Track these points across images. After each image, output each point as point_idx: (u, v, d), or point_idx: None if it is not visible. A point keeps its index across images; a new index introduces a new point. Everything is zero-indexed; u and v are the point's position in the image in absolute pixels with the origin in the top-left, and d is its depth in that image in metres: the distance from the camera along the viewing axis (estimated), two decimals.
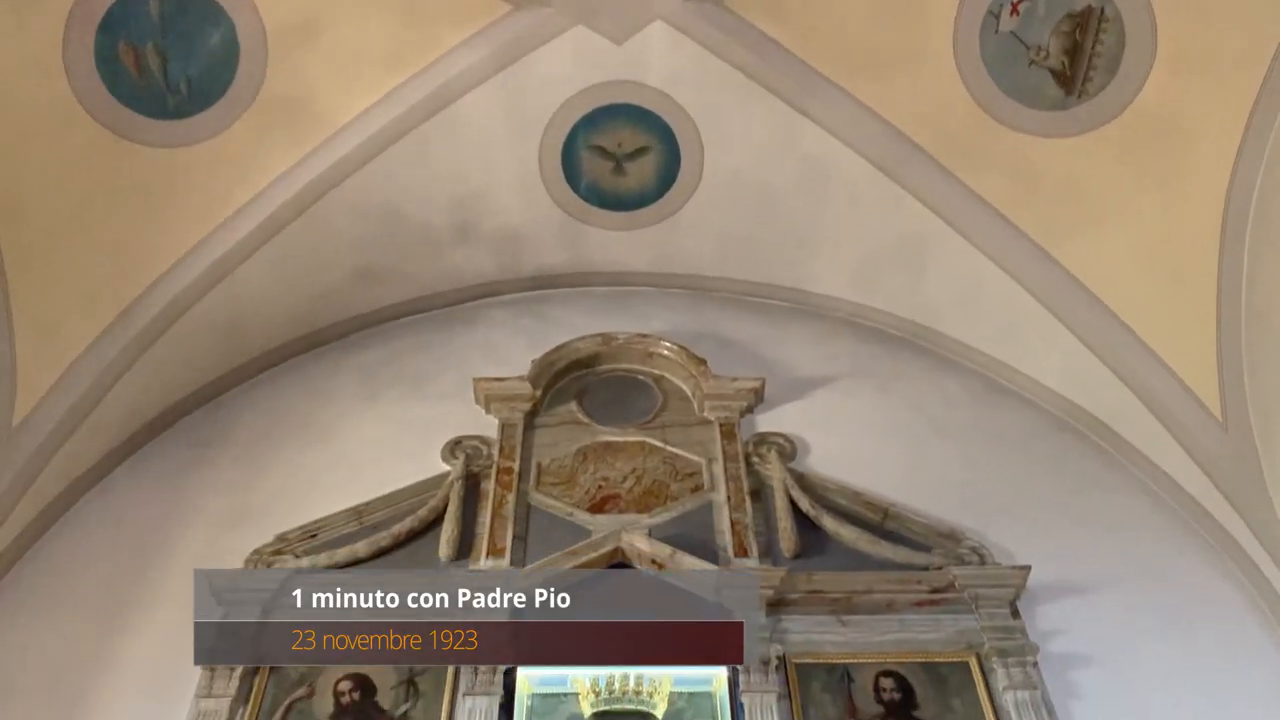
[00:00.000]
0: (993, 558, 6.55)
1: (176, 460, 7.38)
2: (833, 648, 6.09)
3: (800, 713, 5.76)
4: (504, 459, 7.27)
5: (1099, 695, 5.88)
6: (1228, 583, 6.55)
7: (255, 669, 5.90)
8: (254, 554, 6.48)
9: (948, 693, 5.87)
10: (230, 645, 5.94)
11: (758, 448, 7.44)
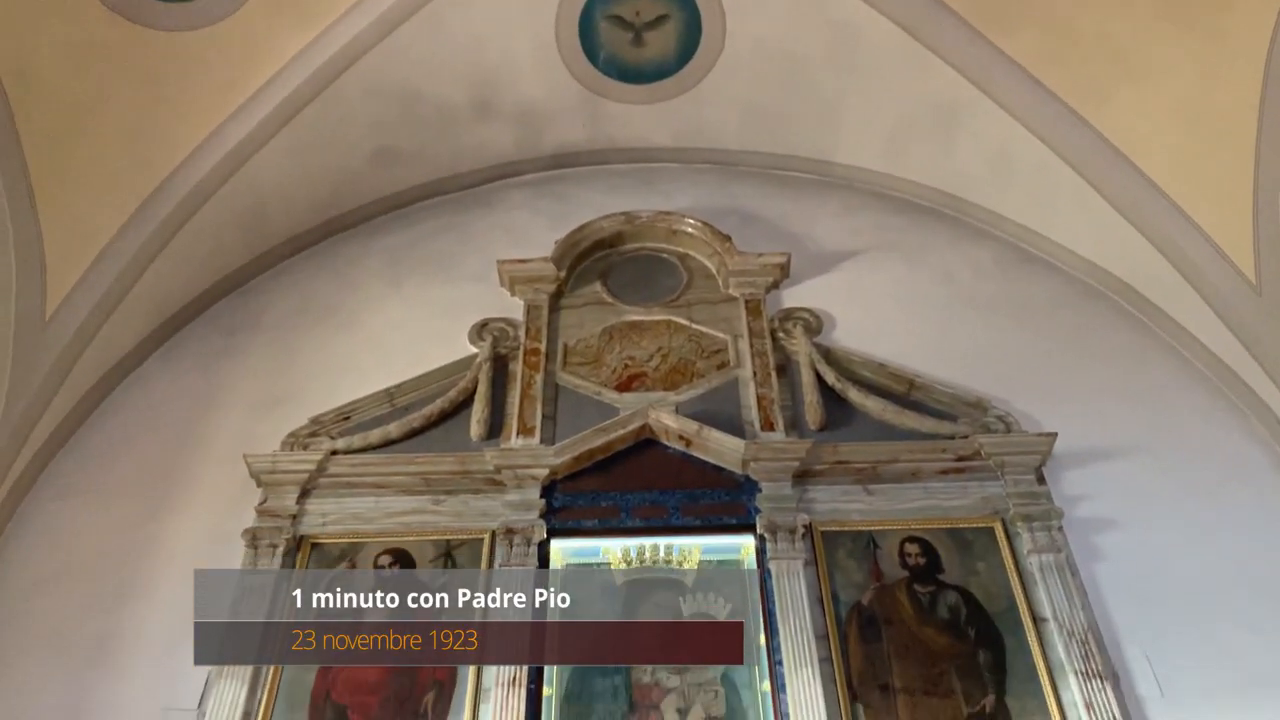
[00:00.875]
0: (1019, 425, 6.58)
1: (208, 347, 7.49)
2: (858, 516, 6.20)
3: (826, 578, 5.90)
4: (530, 340, 7.33)
5: (1123, 558, 5.96)
6: (1256, 446, 6.55)
7: (297, 545, 6.11)
8: (289, 437, 6.63)
9: (972, 557, 5.98)
10: (270, 525, 6.15)
11: (783, 323, 7.43)
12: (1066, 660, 5.43)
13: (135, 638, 5.73)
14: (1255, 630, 5.60)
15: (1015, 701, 5.34)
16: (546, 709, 5.49)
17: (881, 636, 5.65)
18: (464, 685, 5.48)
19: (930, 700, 5.37)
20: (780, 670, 5.50)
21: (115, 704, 5.45)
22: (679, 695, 5.57)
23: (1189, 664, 5.47)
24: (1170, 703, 5.33)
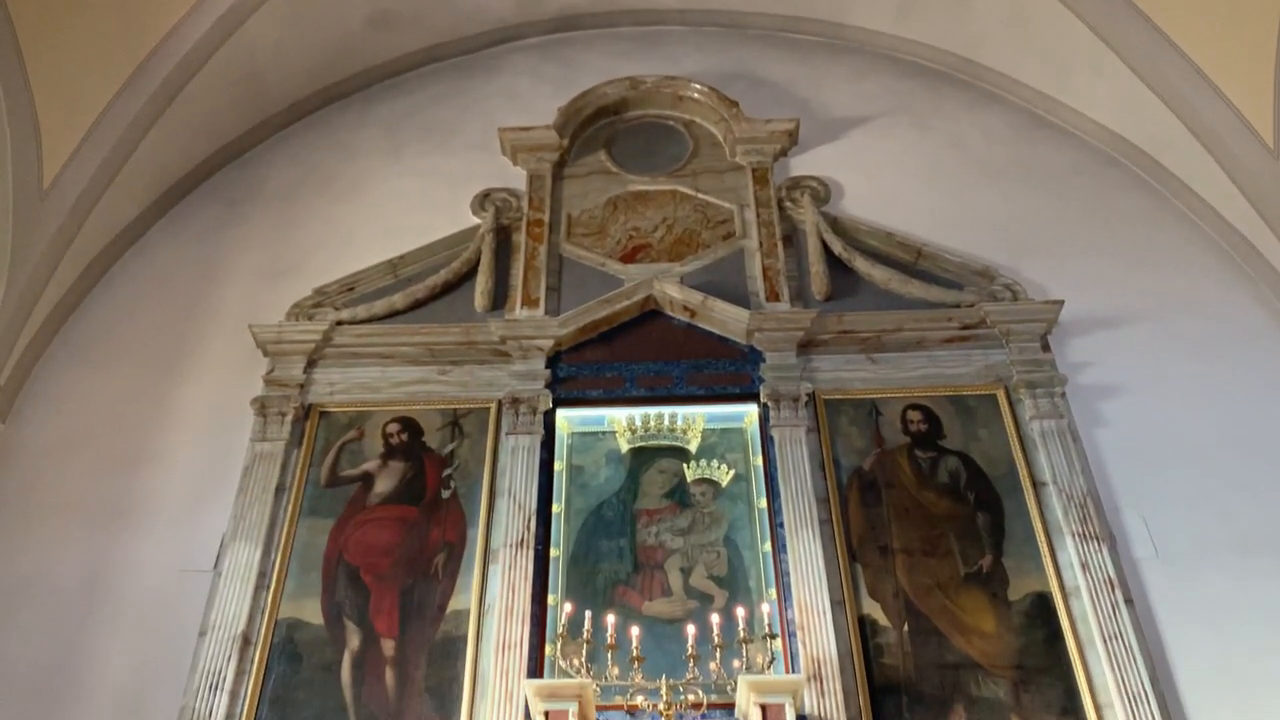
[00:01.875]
0: (1026, 294, 6.54)
1: (210, 218, 7.44)
2: (861, 384, 6.23)
3: (828, 444, 5.97)
4: (534, 210, 7.25)
5: (1124, 423, 6.01)
6: (1263, 312, 6.52)
7: (306, 414, 6.18)
8: (294, 307, 6.64)
9: (974, 423, 6.03)
10: (278, 394, 6.21)
11: (791, 192, 7.32)
12: (1064, 522, 5.53)
13: (150, 501, 5.87)
14: (1251, 492, 5.68)
15: (1012, 562, 5.46)
16: (554, 569, 5.63)
17: (881, 500, 5.75)
18: (473, 547, 5.62)
19: (928, 560, 5.49)
20: (781, 532, 5.61)
21: (132, 565, 5.60)
22: (682, 556, 5.70)
23: (1185, 526, 5.57)
24: (1165, 563, 5.45)
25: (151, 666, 5.22)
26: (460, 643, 5.26)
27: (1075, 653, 5.10)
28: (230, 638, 5.22)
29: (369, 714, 5.05)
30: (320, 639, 5.30)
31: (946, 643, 5.20)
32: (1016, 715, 4.95)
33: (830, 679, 5.01)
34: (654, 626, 5.33)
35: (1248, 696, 4.98)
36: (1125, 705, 4.88)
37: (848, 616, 5.28)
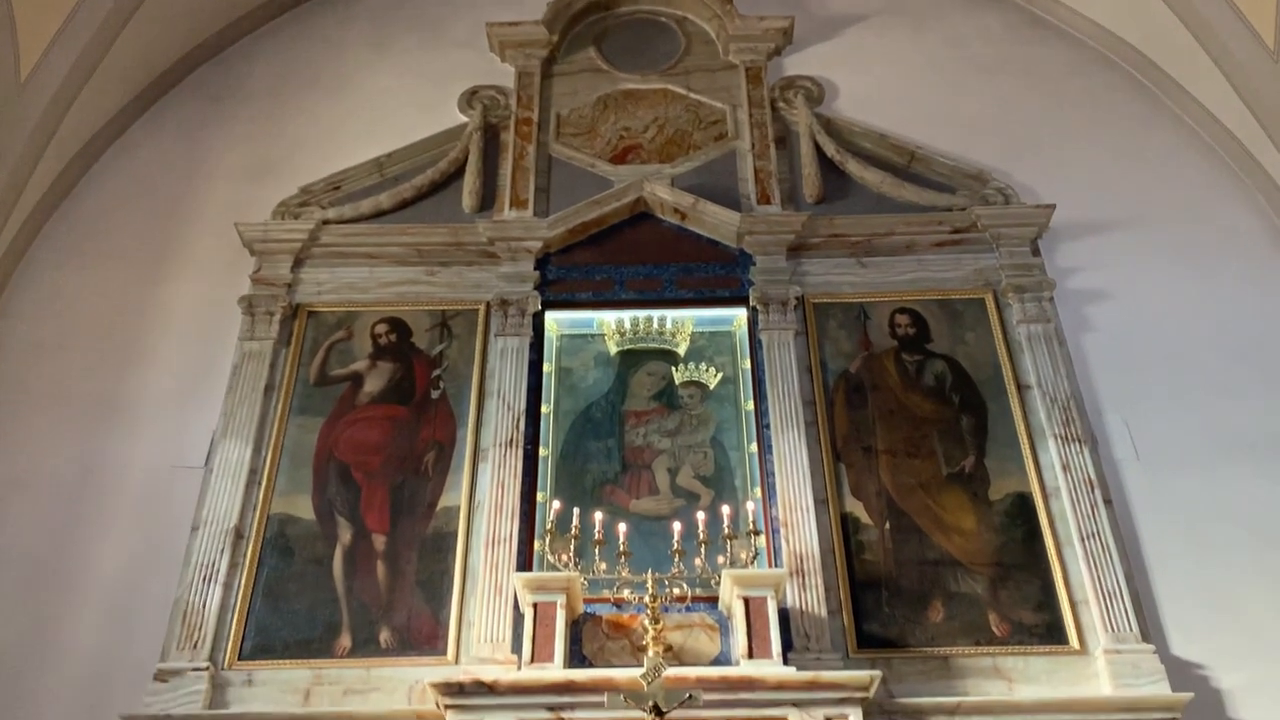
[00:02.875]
0: (1018, 197, 6.51)
1: (193, 115, 7.30)
2: (850, 288, 6.24)
3: (816, 348, 5.99)
4: (522, 109, 7.13)
5: (1111, 328, 6.04)
6: (1255, 218, 6.50)
7: (294, 314, 6.16)
8: (280, 206, 6.57)
9: (962, 327, 6.05)
10: (265, 293, 6.18)
11: (784, 92, 7.21)
12: (1047, 425, 5.59)
13: (140, 399, 5.89)
14: (1233, 396, 5.75)
15: (994, 463, 5.54)
16: (542, 468, 5.69)
17: (867, 402, 5.80)
18: (463, 446, 5.67)
19: (911, 461, 5.57)
20: (767, 433, 5.67)
21: (124, 461, 5.65)
22: (669, 456, 5.77)
23: (1166, 428, 5.64)
24: (1145, 465, 5.54)
25: (145, 560, 5.30)
26: (450, 538, 5.35)
27: (1053, 551, 5.21)
28: (222, 532, 5.30)
29: (361, 605, 5.16)
30: (312, 534, 5.38)
31: (927, 540, 5.30)
32: (993, 610, 5.07)
33: (812, 574, 5.12)
34: (641, 524, 5.41)
35: (1220, 594, 5.11)
36: (1100, 601, 5.00)
37: (830, 514, 5.37)
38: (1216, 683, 4.85)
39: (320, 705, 4.80)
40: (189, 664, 4.88)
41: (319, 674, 4.92)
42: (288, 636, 5.06)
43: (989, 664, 4.90)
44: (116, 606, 5.17)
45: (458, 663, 4.93)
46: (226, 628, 5.05)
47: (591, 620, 5.08)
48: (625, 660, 4.87)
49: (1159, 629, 5.00)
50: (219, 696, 4.85)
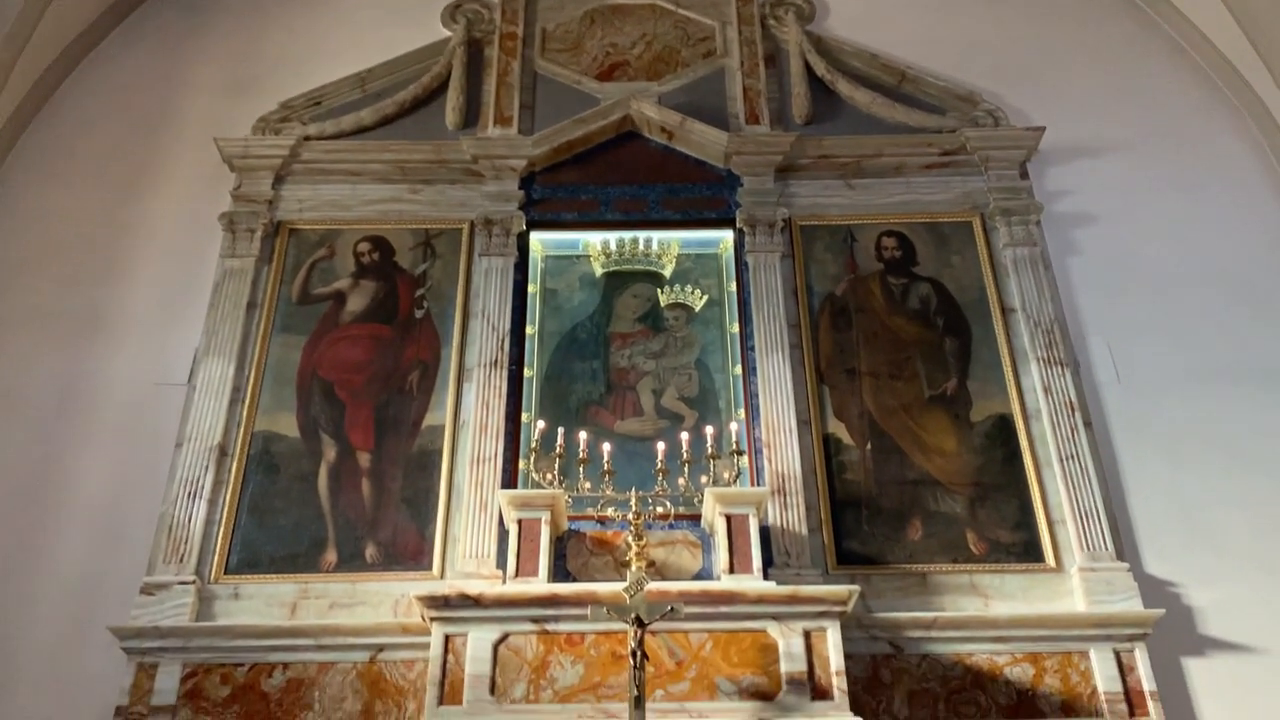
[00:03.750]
0: (1008, 120, 6.45)
1: (170, 27, 7.11)
2: (838, 210, 6.20)
3: (802, 270, 5.98)
4: (507, 23, 6.98)
5: (1096, 252, 6.04)
6: (1245, 145, 6.46)
7: (275, 231, 6.09)
8: (260, 121, 6.44)
9: (948, 251, 6.03)
10: (246, 209, 6.10)
11: (774, 9, 7.08)
12: (1030, 348, 5.62)
13: (121, 315, 5.84)
14: (1214, 321, 5.77)
15: (976, 385, 5.57)
16: (527, 389, 5.70)
17: (852, 325, 5.80)
18: (447, 366, 5.66)
19: (894, 383, 5.59)
20: (752, 355, 5.68)
21: (107, 378, 5.62)
22: (654, 378, 5.78)
23: (1148, 353, 5.68)
24: (1126, 388, 5.58)
25: (129, 475, 5.30)
26: (435, 456, 5.37)
27: (1032, 472, 5.27)
28: (206, 449, 5.30)
29: (346, 521, 5.19)
30: (296, 451, 5.39)
31: (907, 461, 5.35)
32: (971, 529, 5.15)
33: (794, 493, 5.18)
34: (625, 444, 5.44)
35: (1194, 515, 5.19)
36: (1077, 521, 5.08)
37: (813, 435, 5.41)
38: (1188, 600, 4.96)
39: (306, 618, 4.86)
40: (175, 577, 4.92)
41: (305, 588, 4.97)
42: (273, 551, 5.10)
43: (966, 581, 4.99)
44: (102, 521, 5.19)
45: (443, 578, 4.99)
46: (212, 542, 5.09)
47: (576, 537, 5.14)
48: (609, 575, 4.93)
49: (1133, 548, 5.09)
50: (206, 609, 4.90)
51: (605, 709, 4.31)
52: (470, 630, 4.50)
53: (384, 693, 4.68)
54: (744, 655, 4.46)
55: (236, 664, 4.72)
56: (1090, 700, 4.62)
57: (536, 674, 4.42)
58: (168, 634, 4.73)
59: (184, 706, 4.63)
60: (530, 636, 4.50)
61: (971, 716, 4.61)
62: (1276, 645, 4.83)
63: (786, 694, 4.35)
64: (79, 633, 4.86)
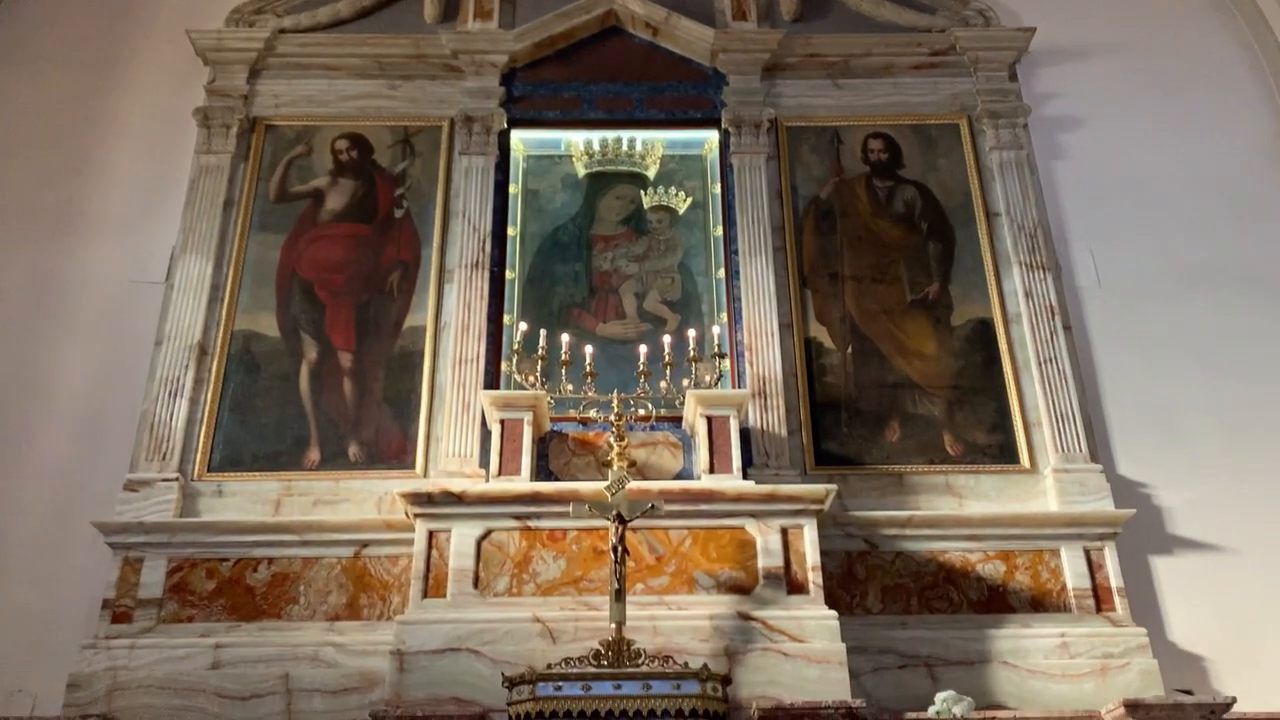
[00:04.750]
0: (998, 20, 6.33)
1: None
2: (825, 111, 6.11)
3: (787, 172, 5.92)
4: None
5: (1082, 156, 6.01)
6: (1237, 50, 6.38)
7: (251, 127, 5.97)
8: (234, 13, 6.25)
9: (934, 153, 5.98)
10: (221, 104, 5.96)
11: None
12: (1013, 252, 5.62)
13: (95, 211, 5.75)
14: (1197, 227, 5.79)
15: (958, 289, 5.58)
16: (509, 291, 5.68)
17: (836, 229, 5.77)
18: (428, 266, 5.62)
19: (877, 287, 5.60)
20: (735, 259, 5.66)
21: (82, 275, 5.57)
22: (637, 281, 5.76)
23: (1130, 258, 5.70)
24: (1107, 293, 5.61)
25: (109, 374, 5.30)
26: (417, 357, 5.37)
27: (1010, 375, 5.32)
28: (186, 347, 5.28)
29: (329, 420, 5.21)
30: (277, 350, 5.37)
31: (887, 364, 5.39)
32: (948, 431, 5.22)
33: (774, 395, 5.22)
34: (607, 347, 5.45)
35: (1168, 418, 5.29)
36: (1052, 424, 5.15)
37: (794, 339, 5.43)
38: (1158, 501, 5.07)
39: (291, 514, 4.91)
40: (158, 475, 4.95)
41: (289, 485, 5.02)
42: (256, 449, 5.12)
43: (941, 481, 5.08)
44: (83, 419, 5.20)
45: (426, 476, 5.04)
46: (194, 440, 5.11)
47: (558, 438, 5.18)
48: (590, 475, 4.99)
49: (1107, 450, 5.19)
50: (190, 506, 4.94)
51: (586, 601, 4.41)
52: (454, 526, 4.57)
53: (369, 586, 4.76)
54: (722, 551, 4.55)
55: (222, 559, 4.79)
56: (1059, 596, 4.76)
57: (519, 568, 4.50)
58: (152, 529, 4.77)
59: (170, 599, 4.70)
60: (513, 533, 4.57)
61: (943, 610, 4.74)
62: (1241, 544, 4.97)
63: (763, 588, 4.45)
64: (64, 528, 4.91)
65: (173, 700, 4.42)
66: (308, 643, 4.58)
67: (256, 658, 4.53)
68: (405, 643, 4.27)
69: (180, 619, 4.66)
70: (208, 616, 4.67)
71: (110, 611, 4.65)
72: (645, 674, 3.58)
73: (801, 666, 4.22)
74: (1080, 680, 4.50)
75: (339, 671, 4.51)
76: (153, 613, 4.66)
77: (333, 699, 4.45)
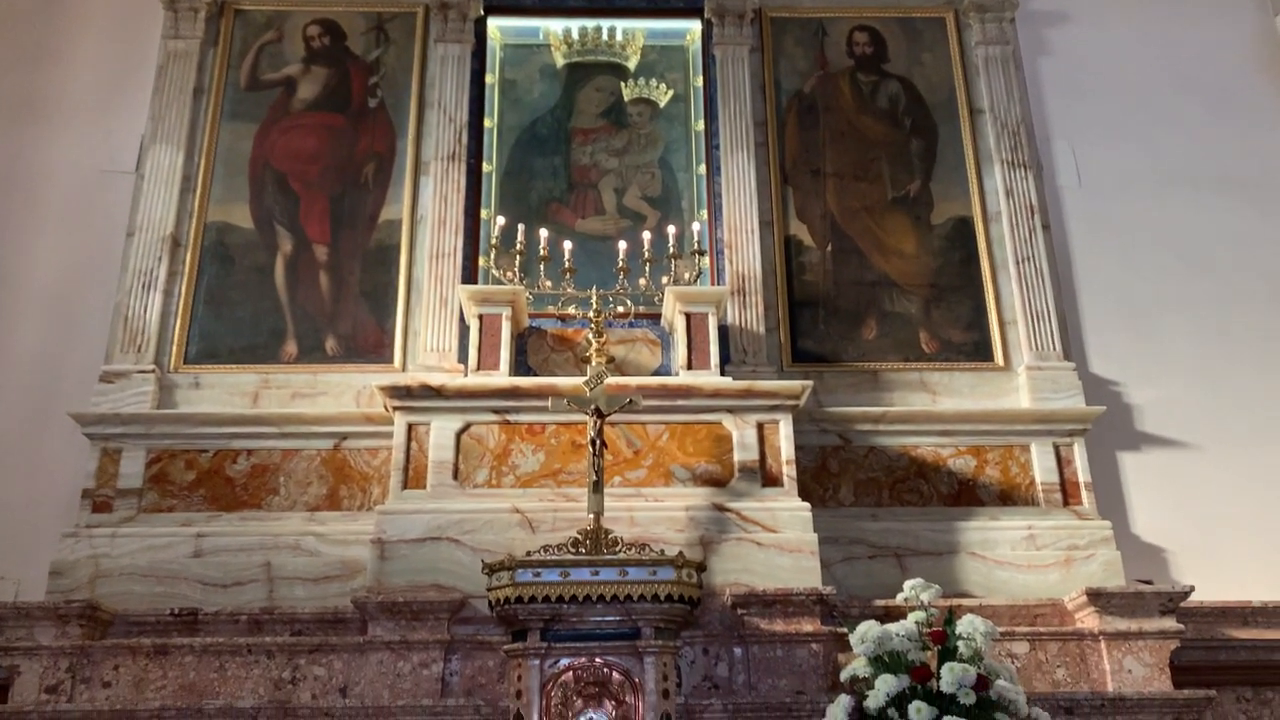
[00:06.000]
0: None
1: None
2: (810, 1, 5.97)
3: (770, 65, 5.81)
4: None
5: (1069, 53, 5.94)
6: None
7: (220, 11, 5.78)
8: None
9: (920, 48, 5.88)
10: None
11: None
12: (995, 150, 5.59)
13: (61, 99, 5.60)
14: (1179, 128, 5.77)
15: (939, 187, 5.56)
16: (486, 184, 5.60)
17: (819, 124, 5.70)
18: (403, 158, 5.52)
19: (858, 184, 5.56)
20: (716, 154, 5.60)
21: (50, 164, 5.45)
22: (616, 176, 5.69)
23: (1111, 157, 5.69)
24: (1087, 192, 5.62)
25: (81, 265, 5.24)
26: (393, 251, 5.32)
27: (988, 273, 5.34)
28: (159, 239, 5.20)
29: (305, 314, 5.18)
30: (251, 243, 5.31)
31: (866, 262, 5.40)
32: (925, 329, 5.26)
33: (753, 293, 5.22)
34: (586, 243, 5.41)
35: (1142, 318, 5.37)
36: (1028, 322, 5.20)
37: (775, 236, 5.41)
38: (1128, 398, 5.17)
39: (269, 407, 4.92)
40: (134, 366, 4.94)
41: (266, 378, 5.01)
42: (232, 342, 5.10)
43: (916, 378, 5.14)
44: (56, 310, 5.16)
45: (404, 370, 5.04)
46: (170, 333, 5.08)
47: (536, 334, 5.18)
48: (569, 372, 5.00)
49: (1080, 348, 5.26)
50: (167, 398, 4.94)
51: (565, 493, 4.47)
52: (433, 420, 4.59)
53: (349, 478, 4.81)
54: (699, 445, 4.61)
55: (201, 450, 4.81)
56: (1028, 490, 4.87)
57: (498, 461, 4.55)
58: (129, 420, 4.78)
59: (150, 490, 4.74)
60: (492, 426, 4.61)
61: (913, 504, 4.85)
62: (1206, 442, 5.09)
63: (738, 481, 4.52)
64: (40, 419, 4.92)
65: (155, 588, 4.48)
66: (289, 532, 4.64)
67: (238, 547, 4.59)
68: (386, 532, 4.33)
69: (161, 509, 4.70)
70: (188, 507, 4.72)
71: (90, 501, 4.68)
72: (622, 561, 3.65)
73: (774, 555, 4.32)
74: (1045, 571, 4.63)
75: (320, 560, 4.58)
76: (133, 502, 4.69)
77: (314, 586, 4.52)
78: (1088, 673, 4.17)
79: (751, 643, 4.08)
